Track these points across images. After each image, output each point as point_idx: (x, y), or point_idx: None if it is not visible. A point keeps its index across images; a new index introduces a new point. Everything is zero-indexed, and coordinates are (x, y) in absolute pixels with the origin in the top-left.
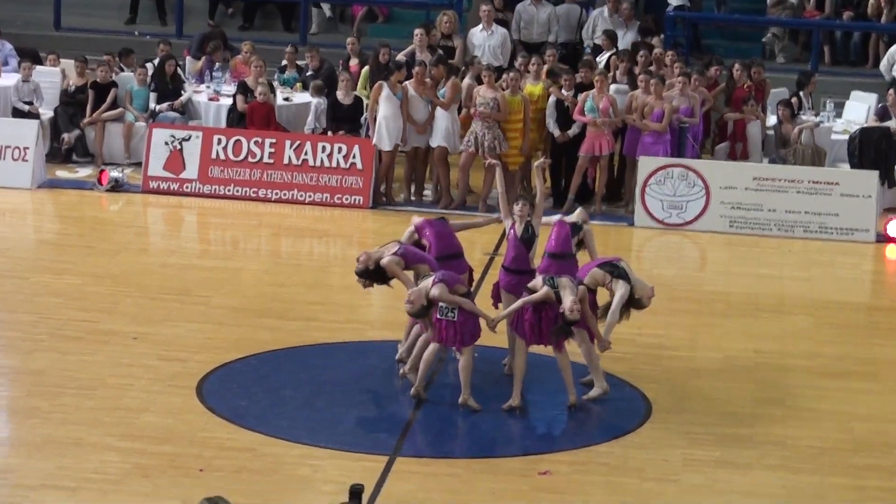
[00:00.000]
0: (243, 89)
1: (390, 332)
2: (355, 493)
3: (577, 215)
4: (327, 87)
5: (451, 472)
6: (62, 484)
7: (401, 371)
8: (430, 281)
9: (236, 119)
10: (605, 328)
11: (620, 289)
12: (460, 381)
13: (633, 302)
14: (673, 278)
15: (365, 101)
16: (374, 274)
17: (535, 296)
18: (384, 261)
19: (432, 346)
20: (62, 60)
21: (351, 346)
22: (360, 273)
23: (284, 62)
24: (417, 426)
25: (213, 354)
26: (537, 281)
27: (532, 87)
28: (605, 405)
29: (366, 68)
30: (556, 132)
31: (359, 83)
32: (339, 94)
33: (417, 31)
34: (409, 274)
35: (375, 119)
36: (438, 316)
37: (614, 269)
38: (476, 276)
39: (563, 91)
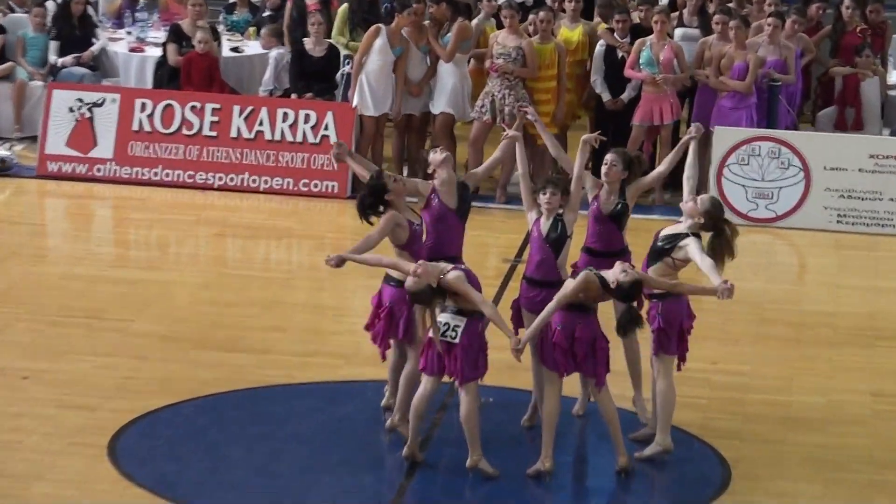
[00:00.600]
0: (177, 36)
1: (372, 368)
2: None
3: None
4: (292, 33)
5: None
6: None
7: (388, 422)
8: (447, 265)
9: (167, 76)
10: (710, 276)
11: (689, 245)
12: (465, 436)
13: (721, 239)
14: (761, 294)
15: (342, 52)
16: (374, 200)
17: (568, 288)
18: (390, 212)
19: (424, 387)
20: None
21: (321, 388)
22: (371, 186)
23: None
24: (411, 499)
25: (133, 400)
26: (567, 283)
27: (568, 33)
28: (667, 469)
29: (343, 7)
30: (606, 95)
31: (334, 27)
32: (308, 43)
33: None
34: (391, 253)
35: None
36: (431, 335)
37: (665, 246)
38: (492, 289)
39: (615, 36)
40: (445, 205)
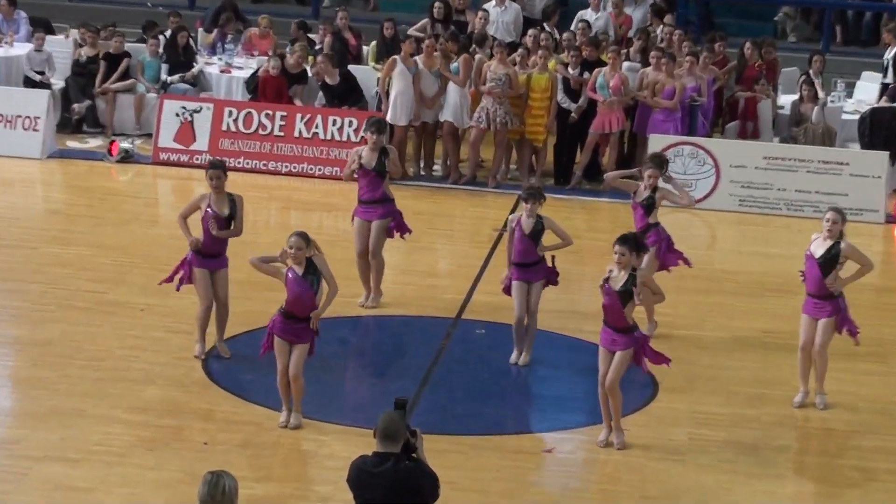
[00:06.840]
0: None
1: (399, 308)
2: (400, 405)
3: None
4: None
5: (458, 449)
6: (66, 455)
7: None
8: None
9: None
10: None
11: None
12: None
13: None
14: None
15: (375, 77)
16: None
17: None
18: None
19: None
20: (72, 31)
21: (350, 321)
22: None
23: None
24: (423, 403)
25: None
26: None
27: (539, 76)
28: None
29: (373, 43)
30: (571, 105)
31: (369, 58)
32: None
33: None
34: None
35: (388, 94)
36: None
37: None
38: (484, 250)
39: (568, 69)
40: None
